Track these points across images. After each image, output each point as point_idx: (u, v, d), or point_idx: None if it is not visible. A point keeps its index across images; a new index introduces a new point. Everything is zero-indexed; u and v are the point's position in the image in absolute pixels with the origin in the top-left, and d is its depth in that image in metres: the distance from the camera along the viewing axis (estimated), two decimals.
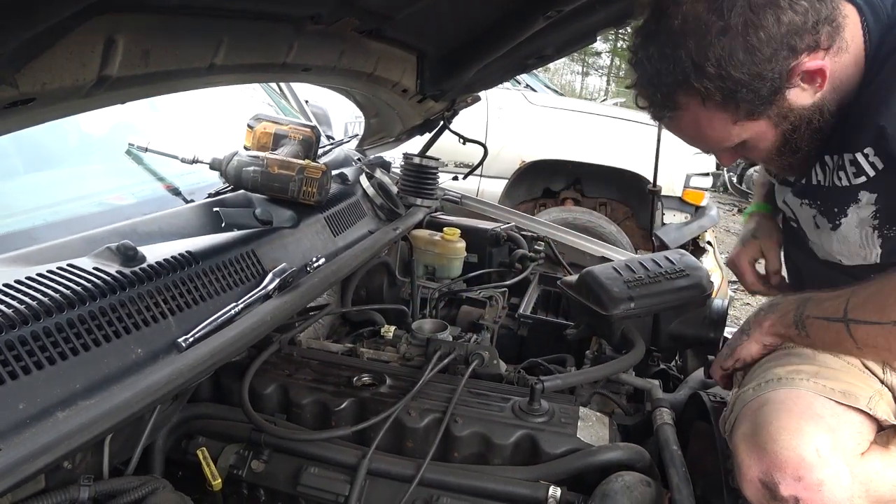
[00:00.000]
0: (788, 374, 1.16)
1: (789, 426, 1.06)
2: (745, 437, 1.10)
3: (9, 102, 0.76)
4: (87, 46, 0.81)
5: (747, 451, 1.08)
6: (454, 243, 2.22)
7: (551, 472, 1.19)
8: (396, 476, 1.19)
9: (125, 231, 1.22)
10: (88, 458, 1.04)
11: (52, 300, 0.90)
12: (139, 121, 1.85)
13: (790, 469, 1.02)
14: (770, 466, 1.04)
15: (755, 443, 1.07)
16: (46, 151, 1.59)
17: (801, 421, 1.06)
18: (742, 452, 1.09)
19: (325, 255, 1.51)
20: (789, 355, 1.23)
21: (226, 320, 1.12)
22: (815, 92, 1.10)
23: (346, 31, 1.37)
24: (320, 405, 1.35)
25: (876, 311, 1.09)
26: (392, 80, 1.78)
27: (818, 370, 1.16)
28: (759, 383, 1.18)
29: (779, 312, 1.26)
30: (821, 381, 1.13)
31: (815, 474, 1.01)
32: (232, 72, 1.15)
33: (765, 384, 1.17)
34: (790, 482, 1.01)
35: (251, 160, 1.52)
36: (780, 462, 1.03)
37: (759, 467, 1.05)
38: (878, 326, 1.09)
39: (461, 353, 1.46)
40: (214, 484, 1.19)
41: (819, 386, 1.12)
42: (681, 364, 1.89)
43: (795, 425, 1.05)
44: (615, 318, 1.58)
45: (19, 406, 0.80)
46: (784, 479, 1.02)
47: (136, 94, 1.01)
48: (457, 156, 3.94)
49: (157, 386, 0.93)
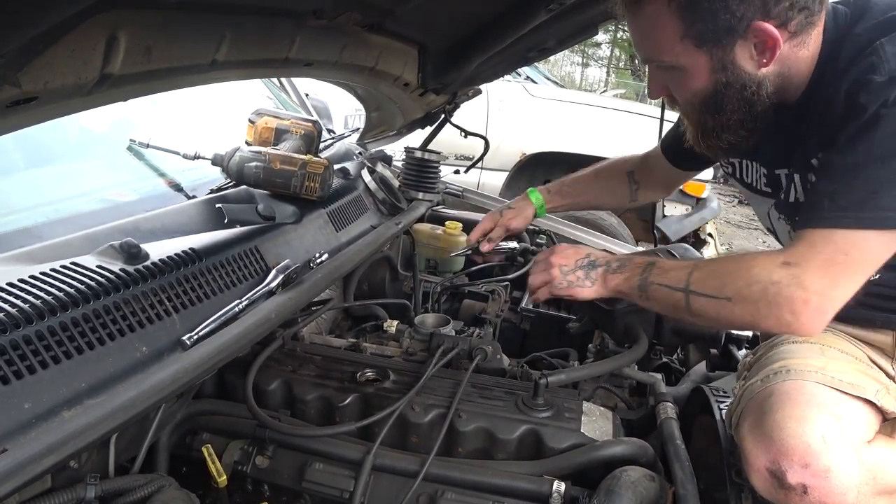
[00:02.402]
0: (796, 367, 1.17)
1: (795, 414, 1.06)
2: (751, 427, 1.11)
3: (11, 102, 0.75)
4: (90, 44, 0.80)
5: (753, 440, 1.09)
6: (456, 237, 2.22)
7: (555, 466, 1.20)
8: (401, 471, 1.19)
9: (128, 228, 1.22)
10: (94, 457, 1.04)
11: (56, 299, 0.90)
12: (140, 116, 1.84)
13: (797, 456, 1.02)
14: (777, 455, 1.04)
15: (761, 432, 1.08)
16: (47, 148, 1.58)
17: (807, 409, 1.07)
18: (748, 442, 1.10)
19: (328, 251, 1.51)
20: (796, 350, 1.24)
21: (230, 317, 1.12)
22: (761, 65, 1.12)
23: (348, 25, 1.36)
24: (324, 401, 1.35)
25: (715, 287, 1.17)
26: (394, 74, 1.77)
27: (826, 364, 1.17)
28: (767, 375, 1.18)
29: (625, 274, 1.34)
30: (828, 374, 1.14)
31: (821, 461, 1.02)
32: (234, 68, 1.15)
33: (773, 376, 1.17)
34: (797, 469, 1.02)
35: (253, 156, 1.51)
36: (787, 450, 1.03)
37: (766, 456, 1.06)
38: (714, 300, 1.17)
39: (464, 348, 1.46)
40: (220, 480, 1.19)
41: (827, 378, 1.13)
42: (682, 357, 1.89)
43: (801, 413, 1.06)
44: (618, 312, 1.58)
45: (25, 406, 0.80)
46: (791, 466, 1.03)
47: (138, 91, 1.00)
48: (457, 148, 3.93)
49: (163, 384, 0.93)
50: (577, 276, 1.39)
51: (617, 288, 1.35)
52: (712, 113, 1.20)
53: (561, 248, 1.46)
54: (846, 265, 1.04)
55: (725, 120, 1.19)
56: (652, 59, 1.21)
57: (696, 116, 1.24)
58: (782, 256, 1.10)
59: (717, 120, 1.20)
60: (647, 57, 1.22)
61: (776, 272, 1.08)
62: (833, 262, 1.04)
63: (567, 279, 1.39)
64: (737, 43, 1.09)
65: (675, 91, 1.23)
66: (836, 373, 1.15)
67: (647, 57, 1.22)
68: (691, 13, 1.08)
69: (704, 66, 1.13)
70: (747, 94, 1.15)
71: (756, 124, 1.19)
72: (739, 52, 1.11)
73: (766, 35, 1.07)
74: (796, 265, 1.07)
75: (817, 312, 1.05)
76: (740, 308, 1.13)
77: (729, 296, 1.14)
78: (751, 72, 1.13)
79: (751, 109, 1.16)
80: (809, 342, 1.26)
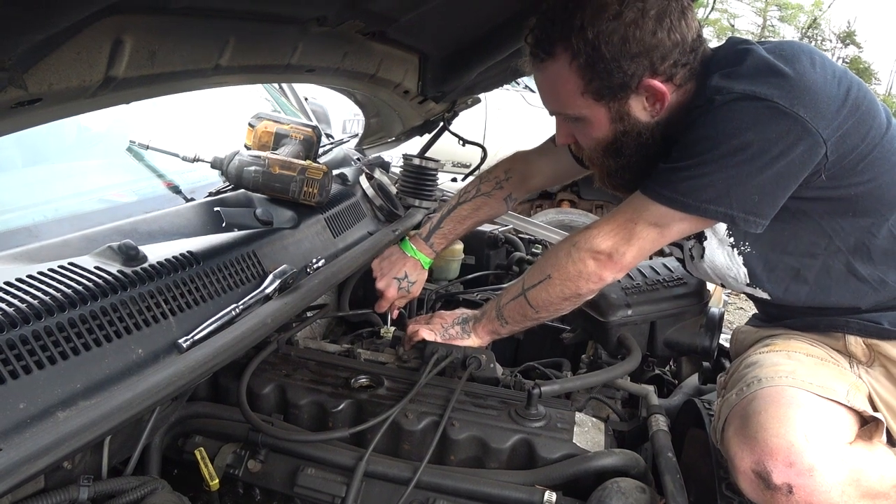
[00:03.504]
0: (767, 375, 1.20)
1: (777, 415, 1.09)
2: (735, 431, 1.14)
3: (16, 102, 0.76)
4: (95, 47, 0.81)
5: (738, 443, 1.12)
6: (452, 245, 2.22)
7: (547, 476, 1.20)
8: (393, 478, 1.19)
9: (126, 229, 1.22)
10: (87, 458, 1.04)
11: (54, 299, 0.90)
12: (140, 118, 1.84)
13: (781, 456, 1.05)
14: (761, 455, 1.07)
15: (745, 434, 1.11)
16: (46, 147, 1.58)
17: (789, 410, 1.10)
18: (733, 445, 1.13)
19: (325, 257, 1.51)
20: (765, 359, 1.28)
21: (226, 321, 1.12)
22: (653, 115, 1.26)
23: (351, 32, 1.37)
24: (318, 406, 1.35)
25: (538, 274, 1.39)
26: (394, 82, 1.78)
27: (794, 368, 1.21)
28: (741, 388, 1.22)
29: (488, 316, 1.51)
30: (798, 377, 1.18)
31: (805, 459, 1.04)
32: (237, 73, 1.15)
33: (746, 388, 1.21)
34: (782, 469, 1.05)
35: (252, 160, 1.52)
36: (771, 449, 1.06)
37: (751, 458, 1.08)
38: (541, 285, 1.38)
39: (458, 357, 1.46)
40: (212, 484, 1.19)
41: (798, 381, 1.17)
42: (675, 370, 1.90)
43: (783, 414, 1.09)
44: (612, 324, 1.60)
45: (20, 406, 0.80)
46: (776, 466, 1.05)
47: (141, 94, 1.01)
48: (455, 156, 3.94)
49: (158, 387, 0.93)
50: (455, 331, 1.53)
51: (486, 329, 1.51)
52: (614, 157, 1.33)
53: (438, 312, 1.62)
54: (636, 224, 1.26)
55: (625, 162, 1.33)
56: (557, 111, 1.34)
57: (601, 161, 1.37)
58: (584, 228, 1.34)
59: (619, 163, 1.34)
60: (553, 109, 1.34)
61: (576, 237, 1.34)
62: (624, 223, 1.28)
63: (448, 333, 1.52)
64: (630, 97, 1.24)
65: (581, 139, 1.36)
66: (807, 375, 1.18)
67: (553, 109, 1.34)
68: (589, 72, 1.21)
69: (604, 117, 1.27)
70: (643, 140, 1.29)
71: (652, 161, 1.29)
72: (633, 105, 1.25)
73: (655, 90, 1.22)
74: (593, 228, 1.32)
75: (611, 259, 1.29)
76: (558, 278, 1.35)
77: (548, 273, 1.37)
78: (645, 121, 1.27)
79: (647, 152, 1.29)
80: (776, 350, 1.31)
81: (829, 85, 1.14)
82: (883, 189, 1.22)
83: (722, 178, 1.15)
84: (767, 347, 1.34)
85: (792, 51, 1.17)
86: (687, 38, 1.20)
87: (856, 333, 1.31)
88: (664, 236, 1.28)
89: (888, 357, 1.30)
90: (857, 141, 1.16)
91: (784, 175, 1.14)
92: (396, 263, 1.75)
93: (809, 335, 1.37)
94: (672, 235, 1.28)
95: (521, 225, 2.60)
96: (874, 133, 1.19)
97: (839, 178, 1.19)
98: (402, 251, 1.77)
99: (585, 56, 1.19)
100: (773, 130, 1.11)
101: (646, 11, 1.15)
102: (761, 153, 1.12)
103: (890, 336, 1.30)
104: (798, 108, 1.10)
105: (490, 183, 1.78)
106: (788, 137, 1.11)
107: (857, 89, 1.17)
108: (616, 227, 1.29)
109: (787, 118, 1.10)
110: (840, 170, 1.17)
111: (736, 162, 1.13)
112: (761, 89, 1.11)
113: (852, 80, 1.18)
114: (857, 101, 1.16)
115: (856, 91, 1.17)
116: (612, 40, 1.16)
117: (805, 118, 1.10)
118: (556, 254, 1.38)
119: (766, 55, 1.16)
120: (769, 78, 1.13)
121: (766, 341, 1.40)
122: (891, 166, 1.22)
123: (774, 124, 1.11)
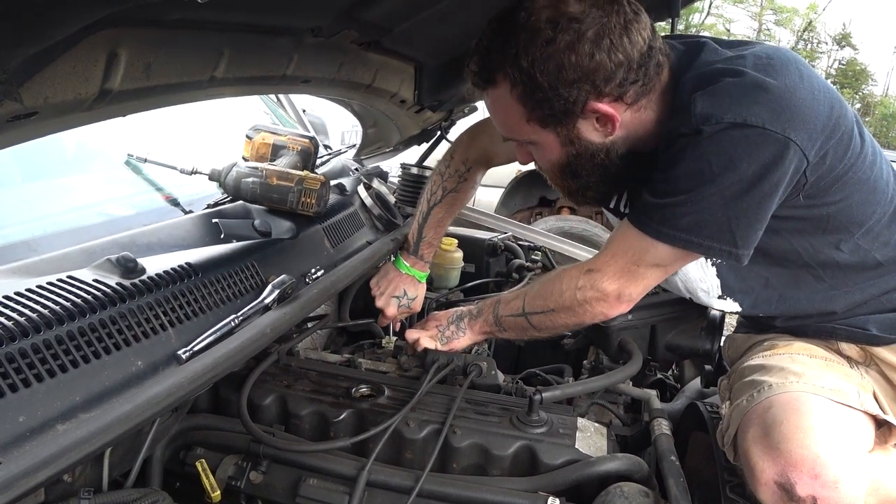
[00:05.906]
0: (777, 380, 1.19)
1: (801, 425, 1.07)
2: (756, 439, 1.11)
3: (11, 116, 0.76)
4: (90, 60, 0.82)
5: (760, 453, 1.09)
6: (451, 253, 2.23)
7: (550, 483, 1.20)
8: (395, 487, 1.19)
9: (125, 242, 1.22)
10: (88, 471, 1.03)
11: (53, 312, 0.90)
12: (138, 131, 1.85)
13: (806, 468, 1.03)
14: (785, 466, 1.04)
15: (768, 444, 1.08)
16: (45, 161, 1.58)
17: (812, 419, 1.08)
18: (754, 456, 1.10)
19: (323, 267, 1.51)
20: (769, 363, 1.27)
21: (226, 332, 1.12)
22: (606, 135, 1.21)
23: (346, 43, 1.38)
24: (319, 416, 1.35)
25: (541, 304, 1.39)
26: (390, 91, 1.79)
27: (802, 371, 1.20)
28: (752, 393, 1.20)
29: (483, 316, 1.51)
30: (810, 382, 1.16)
31: (831, 472, 1.02)
32: (232, 84, 1.16)
33: (757, 393, 1.19)
34: (807, 481, 1.02)
35: (250, 171, 1.52)
36: (796, 461, 1.03)
37: (775, 468, 1.06)
38: (544, 314, 1.39)
39: (459, 364, 1.46)
40: (213, 496, 1.18)
41: (810, 385, 1.15)
42: (677, 373, 1.90)
43: (805, 423, 1.07)
44: (613, 329, 1.59)
45: (20, 419, 0.80)
46: (801, 478, 1.03)
47: (137, 107, 1.01)
48: None
49: (158, 399, 0.93)
50: (451, 331, 1.53)
51: (482, 330, 1.52)
52: (572, 178, 1.30)
53: (432, 314, 1.62)
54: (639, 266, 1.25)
55: (584, 182, 1.30)
56: (508, 136, 1.32)
57: (559, 181, 1.34)
58: (587, 265, 1.33)
59: (578, 183, 1.31)
60: (505, 135, 1.32)
61: (580, 279, 1.31)
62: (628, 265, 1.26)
63: (445, 335, 1.52)
64: (577, 122, 1.19)
65: (537, 160, 1.34)
66: (817, 379, 1.17)
67: (505, 135, 1.32)
68: (530, 101, 1.17)
69: (554, 141, 1.23)
70: (598, 161, 1.25)
71: (615, 180, 1.29)
72: (583, 128, 1.20)
73: (602, 112, 1.16)
74: (597, 271, 1.29)
75: (619, 300, 1.29)
76: (563, 314, 1.36)
77: (552, 307, 1.36)
78: (597, 142, 1.22)
79: (605, 172, 1.26)
80: (778, 353, 1.30)
81: (816, 102, 1.10)
82: (853, 208, 1.21)
83: (722, 214, 1.12)
84: (769, 351, 1.34)
85: (780, 61, 1.12)
86: (632, 54, 1.12)
87: (846, 340, 1.31)
88: (668, 272, 1.30)
89: (884, 361, 1.30)
90: (835, 162, 1.14)
91: (774, 200, 1.13)
92: (393, 282, 1.77)
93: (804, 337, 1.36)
94: (674, 269, 1.31)
95: (520, 232, 2.60)
96: (851, 154, 1.17)
97: (814, 197, 1.17)
98: (397, 269, 1.78)
99: (522, 85, 1.15)
100: (766, 157, 1.07)
101: (582, 34, 1.09)
102: (757, 183, 1.09)
103: (880, 342, 1.29)
104: (789, 132, 1.07)
105: (453, 178, 1.78)
106: (782, 164, 1.08)
107: (840, 107, 1.14)
108: (620, 270, 1.27)
109: (777, 144, 1.07)
110: (816, 190, 1.16)
111: (733, 195, 1.10)
112: (750, 114, 1.06)
113: (834, 98, 1.15)
114: (839, 120, 1.13)
115: (838, 109, 1.14)
116: (547, 68, 1.11)
117: (795, 141, 1.07)
118: (559, 288, 1.35)
119: (746, 70, 1.10)
120: (757, 96, 1.07)
121: (764, 344, 1.40)
122: (861, 185, 1.20)
123: (766, 152, 1.07)
